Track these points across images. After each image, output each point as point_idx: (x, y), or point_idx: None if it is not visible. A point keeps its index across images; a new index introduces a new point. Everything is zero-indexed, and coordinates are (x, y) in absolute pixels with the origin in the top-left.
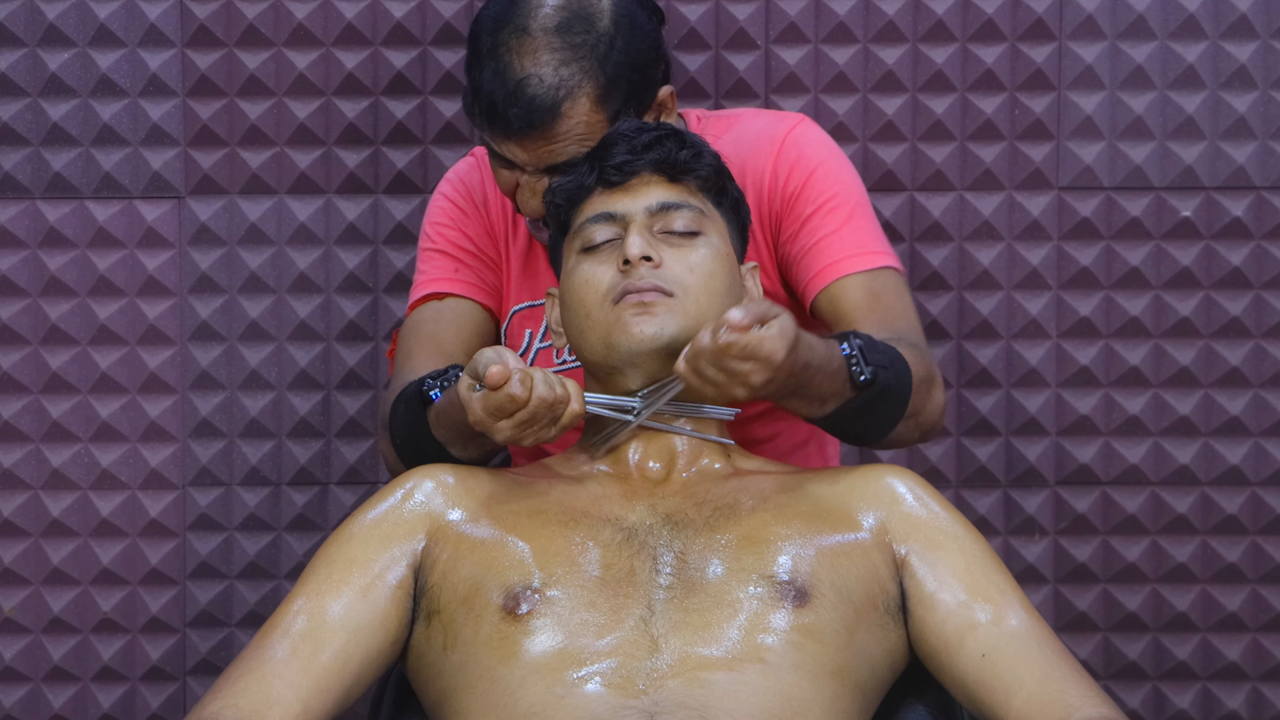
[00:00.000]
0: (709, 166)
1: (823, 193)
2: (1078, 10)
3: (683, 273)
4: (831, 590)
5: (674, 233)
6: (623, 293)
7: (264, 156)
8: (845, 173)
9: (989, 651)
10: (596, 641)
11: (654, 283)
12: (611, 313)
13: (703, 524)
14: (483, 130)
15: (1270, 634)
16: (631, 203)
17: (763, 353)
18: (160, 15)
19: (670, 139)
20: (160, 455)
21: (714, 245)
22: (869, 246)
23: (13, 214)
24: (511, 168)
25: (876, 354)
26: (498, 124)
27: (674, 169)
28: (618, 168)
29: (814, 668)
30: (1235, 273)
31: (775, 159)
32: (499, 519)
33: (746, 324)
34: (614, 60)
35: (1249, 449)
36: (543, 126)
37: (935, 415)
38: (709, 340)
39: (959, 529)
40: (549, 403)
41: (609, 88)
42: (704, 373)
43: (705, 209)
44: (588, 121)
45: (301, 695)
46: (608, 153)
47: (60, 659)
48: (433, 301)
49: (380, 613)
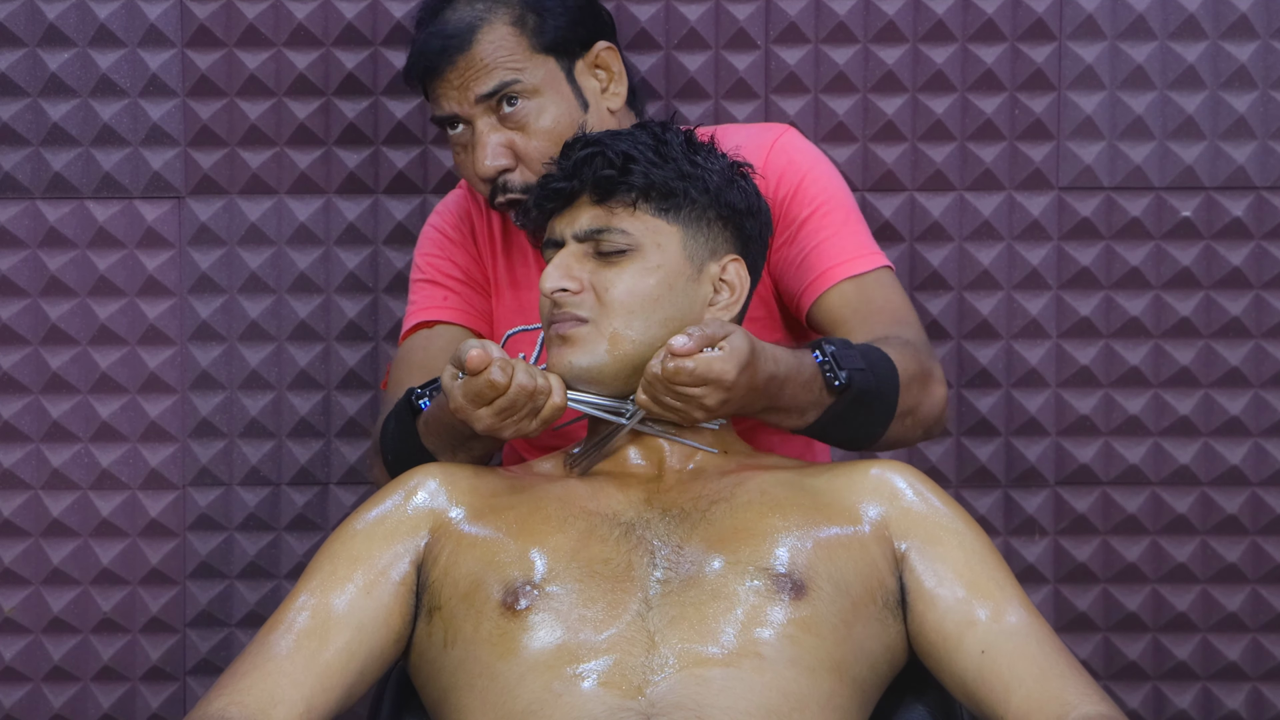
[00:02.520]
0: (638, 183)
1: (815, 196)
2: (1078, 10)
3: (600, 296)
4: (829, 583)
5: (603, 254)
6: (549, 321)
7: (264, 156)
8: (834, 178)
9: (988, 648)
10: (594, 637)
11: (570, 312)
12: (549, 338)
13: (699, 517)
14: (424, 91)
15: (1270, 634)
16: (566, 227)
17: (712, 375)
18: (160, 15)
19: (598, 156)
20: (160, 455)
21: (645, 261)
22: (865, 249)
23: (13, 214)
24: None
25: (852, 358)
26: (426, 65)
27: (601, 189)
28: (549, 194)
29: (811, 662)
30: (1235, 273)
31: (763, 167)
32: (499, 516)
33: (690, 349)
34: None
35: (1249, 449)
36: (463, 51)
37: (935, 411)
38: (657, 368)
39: (960, 524)
40: (529, 391)
41: (525, 10)
42: (660, 400)
43: (637, 225)
44: (508, 46)
45: (305, 692)
46: (547, 174)
47: (60, 659)
48: (423, 330)
49: (384, 609)
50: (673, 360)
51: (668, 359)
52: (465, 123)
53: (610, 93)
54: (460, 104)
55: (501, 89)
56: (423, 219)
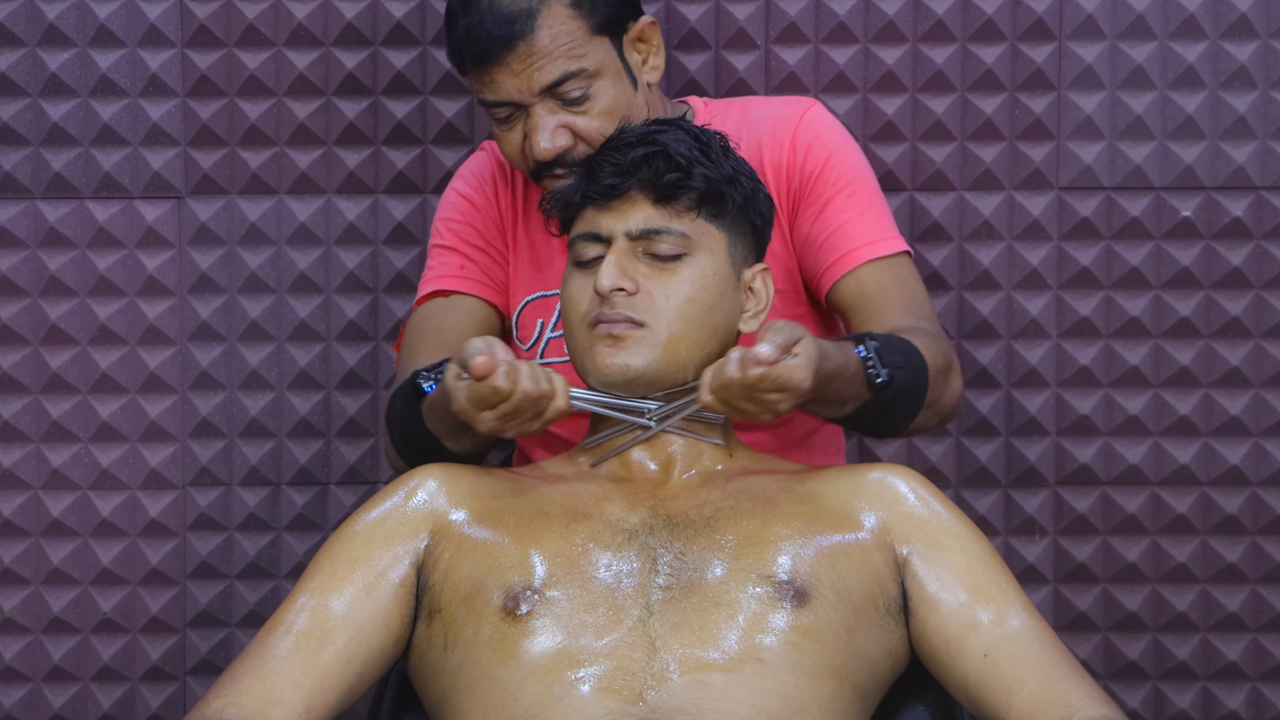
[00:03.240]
0: (699, 186)
1: (842, 175)
2: (1078, 10)
3: (659, 300)
4: (831, 590)
5: (656, 256)
6: (596, 320)
7: (264, 156)
8: (859, 158)
9: (990, 651)
10: (595, 642)
11: (625, 314)
12: (587, 337)
13: (703, 524)
14: (473, 76)
15: (1270, 634)
16: (616, 224)
17: (793, 383)
18: (160, 15)
19: (659, 156)
20: (160, 455)
21: (699, 267)
22: (889, 232)
23: (13, 214)
24: (511, 117)
25: (893, 354)
26: (481, 50)
27: (660, 191)
28: (602, 190)
29: (813, 668)
30: (1235, 273)
31: (793, 139)
32: (501, 519)
33: (775, 358)
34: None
35: (1249, 449)
36: (524, 38)
37: (954, 400)
38: (737, 374)
39: (961, 528)
40: (533, 397)
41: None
42: (733, 403)
43: (694, 229)
44: (569, 31)
45: (304, 693)
46: (597, 168)
47: (60, 659)
48: (438, 298)
49: (383, 611)
50: (757, 368)
51: (750, 366)
52: (518, 107)
53: (649, 66)
54: (519, 92)
55: (565, 79)
56: (423, 219)
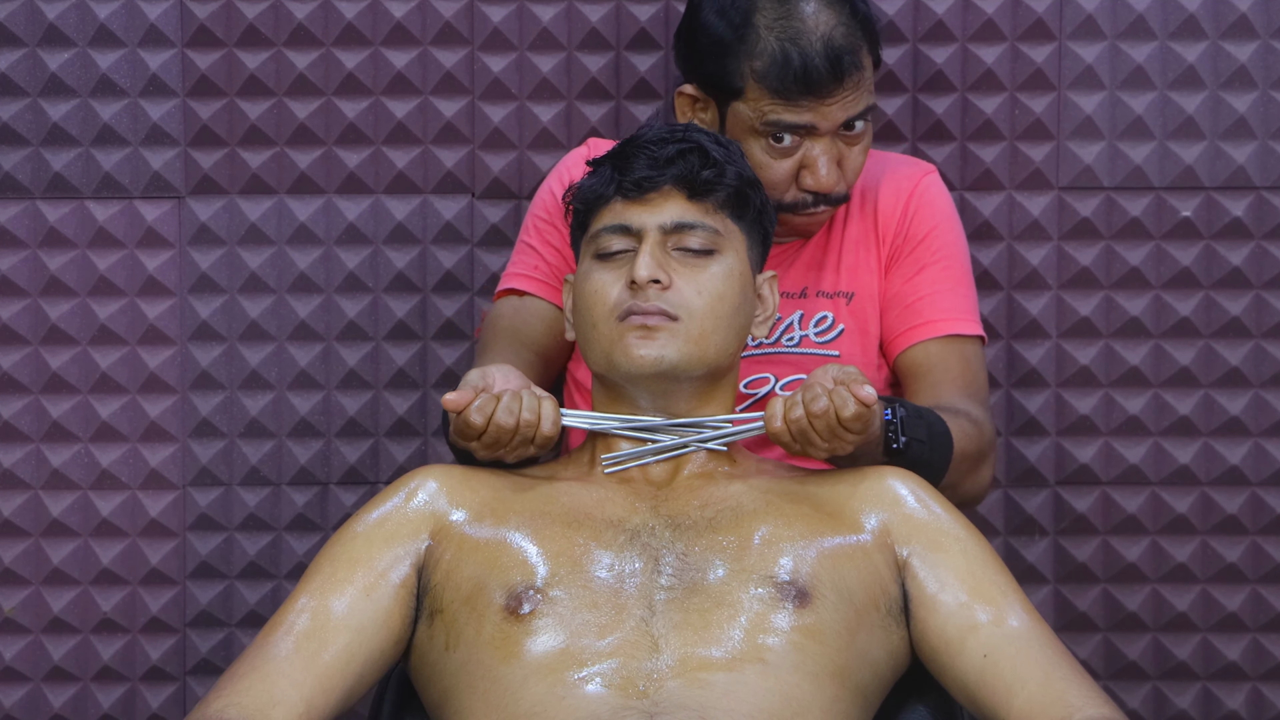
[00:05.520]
0: (732, 183)
1: (942, 247)
2: (1078, 10)
3: (691, 295)
4: (832, 591)
5: (688, 250)
6: (628, 312)
7: (264, 156)
8: (961, 235)
9: (990, 652)
10: (597, 642)
11: (659, 306)
12: (616, 329)
13: (705, 525)
14: (777, 100)
15: (1270, 634)
16: (648, 217)
17: (872, 428)
18: (160, 15)
19: (694, 153)
20: (160, 455)
21: (727, 264)
22: (970, 314)
23: (13, 214)
24: (797, 146)
25: (918, 426)
26: (809, 84)
27: (694, 186)
28: (637, 183)
29: (815, 668)
30: (1235, 273)
31: (909, 199)
32: (502, 519)
33: (873, 399)
34: (861, 11)
35: (1249, 449)
36: (851, 73)
37: (977, 490)
38: (832, 410)
39: (960, 530)
40: (508, 430)
41: (869, 36)
42: (808, 436)
43: (723, 226)
44: (868, 66)
45: (305, 694)
46: (629, 162)
47: (60, 659)
48: (513, 296)
49: (383, 611)
50: (858, 407)
51: (849, 404)
52: (808, 135)
53: None
54: (826, 120)
55: (865, 114)
56: (423, 219)
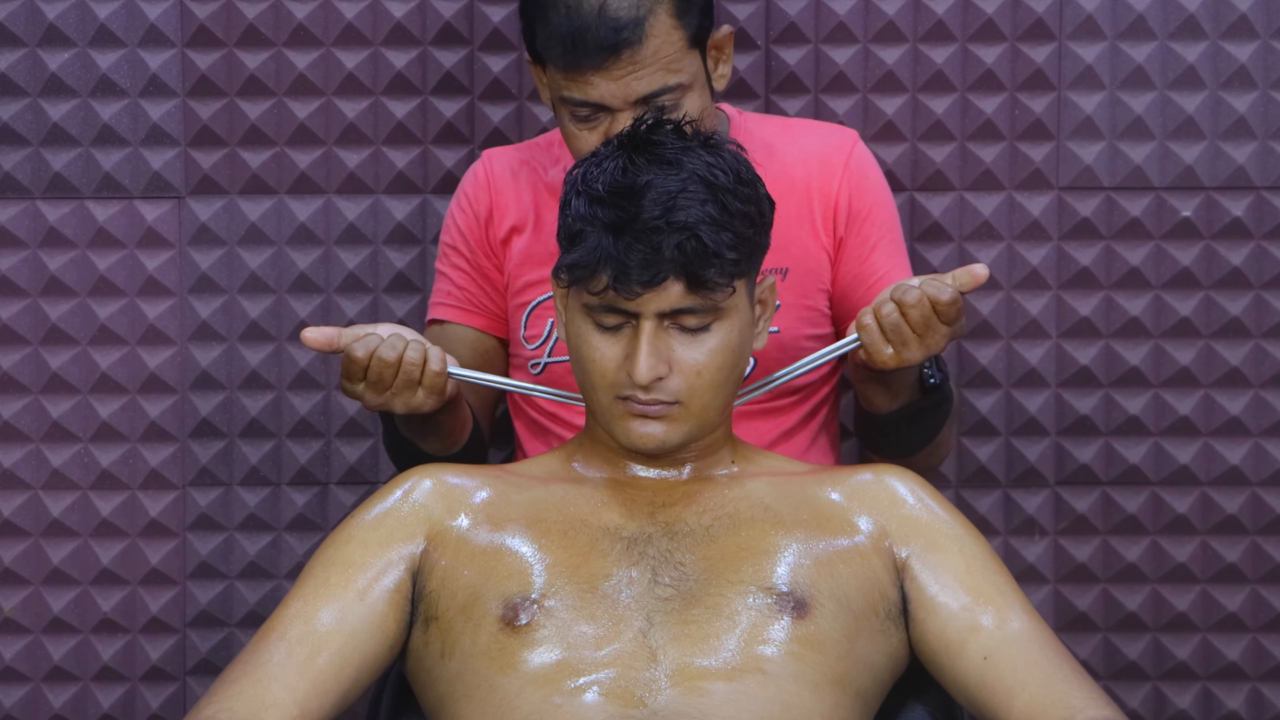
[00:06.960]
0: (732, 268)
1: (883, 221)
2: (1078, 10)
3: (691, 378)
4: (831, 600)
5: (685, 329)
6: (627, 398)
7: (264, 156)
8: (892, 200)
9: (991, 654)
10: (595, 653)
11: (659, 399)
12: (616, 407)
13: (702, 534)
14: (562, 72)
15: (1270, 634)
16: (646, 304)
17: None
18: (160, 15)
19: (691, 242)
20: (160, 455)
21: (726, 331)
22: None
23: (13, 214)
24: (593, 118)
25: (943, 363)
26: (581, 54)
27: (694, 279)
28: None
29: (814, 677)
30: (1235, 273)
31: (842, 177)
32: (499, 526)
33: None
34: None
35: (1249, 449)
36: (630, 47)
37: (945, 453)
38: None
39: (960, 530)
40: (390, 364)
41: (678, 6)
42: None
43: (721, 297)
44: (671, 43)
45: (298, 698)
46: (625, 256)
47: (60, 659)
48: (436, 326)
49: (378, 616)
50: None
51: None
52: (603, 110)
53: (719, 75)
54: (613, 98)
55: (662, 92)
56: (423, 219)
